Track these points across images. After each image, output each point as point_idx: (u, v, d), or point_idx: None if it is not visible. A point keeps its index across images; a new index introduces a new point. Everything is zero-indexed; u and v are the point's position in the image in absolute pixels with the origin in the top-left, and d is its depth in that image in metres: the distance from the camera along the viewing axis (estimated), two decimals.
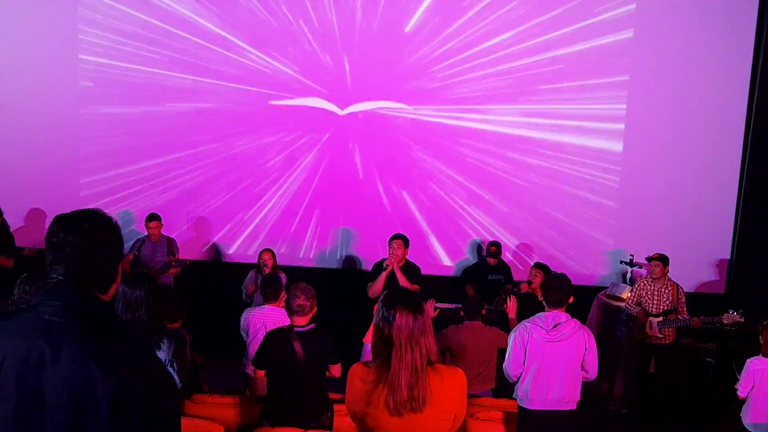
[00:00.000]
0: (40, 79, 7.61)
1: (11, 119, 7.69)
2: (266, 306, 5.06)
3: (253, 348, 4.87)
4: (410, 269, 6.15)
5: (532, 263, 6.48)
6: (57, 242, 1.70)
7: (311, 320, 3.97)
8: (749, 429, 4.67)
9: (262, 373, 4.06)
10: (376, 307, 2.55)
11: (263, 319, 4.98)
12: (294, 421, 3.81)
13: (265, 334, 4.66)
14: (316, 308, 3.96)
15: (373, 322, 2.49)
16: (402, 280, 5.92)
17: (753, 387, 4.62)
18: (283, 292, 5.08)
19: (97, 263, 1.72)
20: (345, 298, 6.88)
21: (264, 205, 7.65)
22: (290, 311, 3.88)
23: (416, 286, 5.92)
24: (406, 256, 6.15)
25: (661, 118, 7.14)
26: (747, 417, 4.67)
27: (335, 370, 3.97)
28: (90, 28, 7.48)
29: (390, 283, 5.94)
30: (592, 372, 4.15)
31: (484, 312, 5.34)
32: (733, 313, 5.66)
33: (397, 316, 2.39)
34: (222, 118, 7.55)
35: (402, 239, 6.15)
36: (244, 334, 5.19)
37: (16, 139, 7.70)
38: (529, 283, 6.11)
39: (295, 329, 3.85)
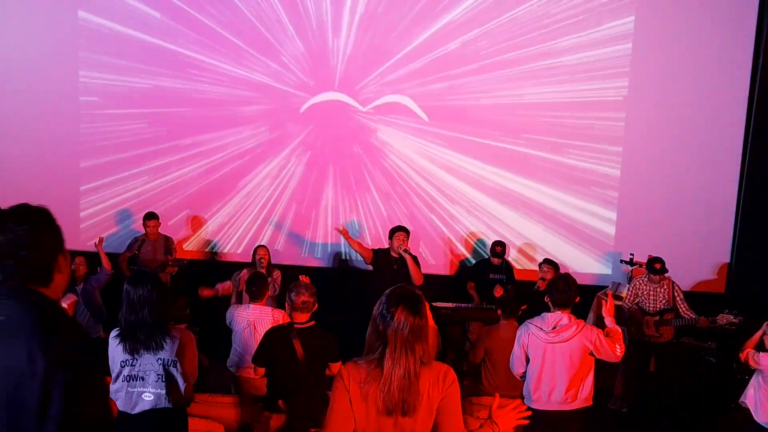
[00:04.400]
0: (41, 80, 7.60)
1: (11, 119, 7.69)
2: (250, 305, 5.01)
3: (239, 346, 4.89)
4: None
5: (540, 261, 6.53)
6: None
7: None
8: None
9: (262, 371, 4.05)
10: None
11: (248, 317, 4.96)
12: (293, 418, 3.81)
13: (254, 332, 4.68)
14: (317, 305, 3.96)
15: (374, 311, 2.40)
16: (413, 268, 6.01)
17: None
18: (269, 291, 5.08)
19: (26, 259, 1.72)
20: (344, 298, 6.88)
21: (262, 204, 7.64)
22: (293, 308, 3.86)
23: (422, 274, 6.11)
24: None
25: (661, 118, 7.13)
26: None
27: (335, 368, 3.95)
28: (90, 28, 7.48)
29: (395, 273, 5.99)
30: (615, 357, 4.10)
31: (520, 312, 5.30)
32: (727, 313, 5.68)
33: (396, 315, 2.32)
34: (220, 118, 7.54)
35: (404, 231, 6.26)
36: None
37: (15, 139, 7.70)
38: (543, 280, 6.15)
39: (296, 326, 3.83)
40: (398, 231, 6.27)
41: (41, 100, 7.63)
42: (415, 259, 6.26)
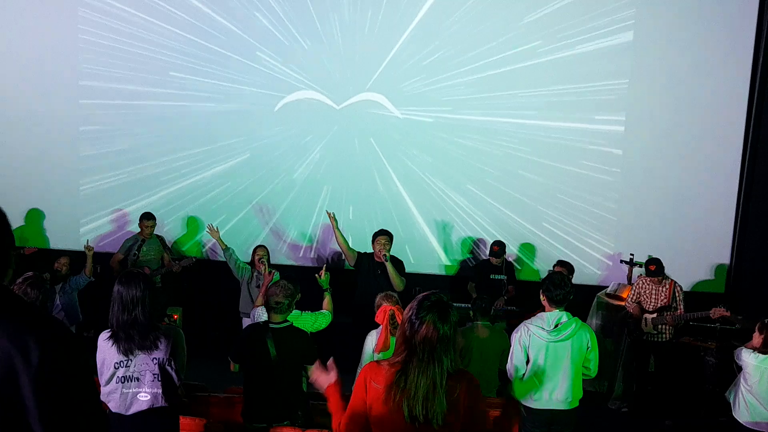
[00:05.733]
0: (41, 80, 7.61)
1: (11, 119, 7.70)
2: None
3: None
4: (395, 264, 6.18)
5: (555, 262, 6.55)
6: None
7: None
8: None
9: (232, 366, 4.05)
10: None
11: None
12: (266, 417, 3.81)
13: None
14: (294, 306, 3.95)
15: (404, 315, 2.39)
16: (392, 275, 5.96)
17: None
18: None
19: None
20: (342, 299, 6.87)
21: (260, 204, 7.66)
22: (268, 308, 3.87)
23: (402, 280, 6.05)
24: (390, 252, 6.17)
25: (661, 118, 7.12)
26: None
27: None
28: (90, 28, 7.50)
29: (379, 279, 5.98)
30: (594, 369, 4.17)
31: (491, 312, 5.32)
32: (720, 307, 5.68)
33: (426, 323, 2.29)
34: (217, 117, 7.55)
35: (387, 235, 6.19)
36: None
37: (15, 139, 7.72)
38: None
39: (270, 326, 3.84)
40: (379, 235, 6.16)
41: (41, 100, 7.64)
42: (400, 263, 6.22)
